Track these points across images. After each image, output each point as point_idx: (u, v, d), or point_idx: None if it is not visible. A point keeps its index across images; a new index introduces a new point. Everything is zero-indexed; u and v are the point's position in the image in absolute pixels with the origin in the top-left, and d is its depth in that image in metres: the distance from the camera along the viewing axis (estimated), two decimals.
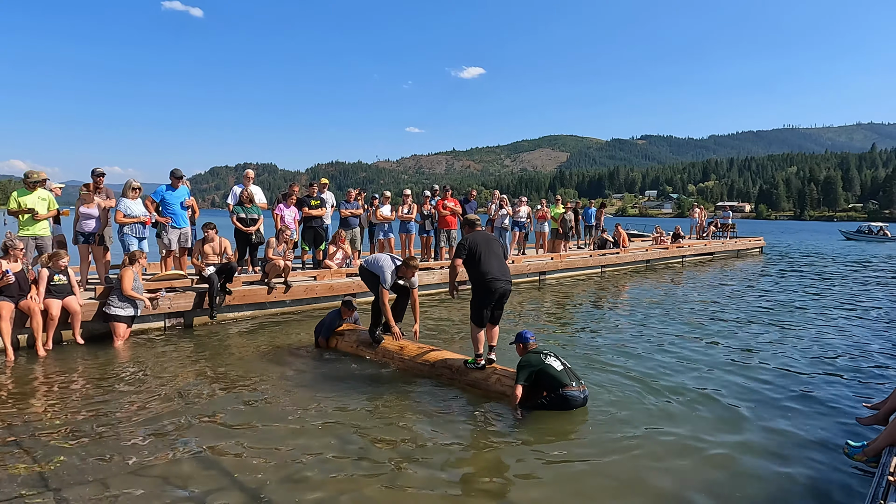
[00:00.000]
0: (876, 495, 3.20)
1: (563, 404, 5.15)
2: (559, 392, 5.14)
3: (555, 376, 5.19)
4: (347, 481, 3.88)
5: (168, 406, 5.30)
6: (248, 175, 10.65)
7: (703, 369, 6.70)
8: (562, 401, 5.15)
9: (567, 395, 5.13)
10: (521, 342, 5.59)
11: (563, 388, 5.14)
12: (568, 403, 5.15)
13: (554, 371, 5.22)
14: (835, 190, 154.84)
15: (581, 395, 5.20)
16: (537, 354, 5.38)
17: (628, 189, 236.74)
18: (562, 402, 5.15)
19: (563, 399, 5.14)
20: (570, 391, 5.15)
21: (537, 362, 5.28)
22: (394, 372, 6.39)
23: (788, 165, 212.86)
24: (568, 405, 5.16)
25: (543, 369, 5.24)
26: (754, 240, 27.55)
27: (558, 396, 5.15)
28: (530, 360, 5.30)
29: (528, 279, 14.39)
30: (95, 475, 3.90)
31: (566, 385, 5.16)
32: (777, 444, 4.64)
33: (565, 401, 5.14)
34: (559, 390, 5.15)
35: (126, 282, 7.58)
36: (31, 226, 7.75)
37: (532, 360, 5.31)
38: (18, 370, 6.31)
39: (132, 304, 7.60)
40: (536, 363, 5.28)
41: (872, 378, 6.51)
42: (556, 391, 5.15)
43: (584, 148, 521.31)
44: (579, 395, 5.19)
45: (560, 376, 5.19)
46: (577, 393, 5.18)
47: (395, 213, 12.72)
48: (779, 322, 9.70)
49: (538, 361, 5.29)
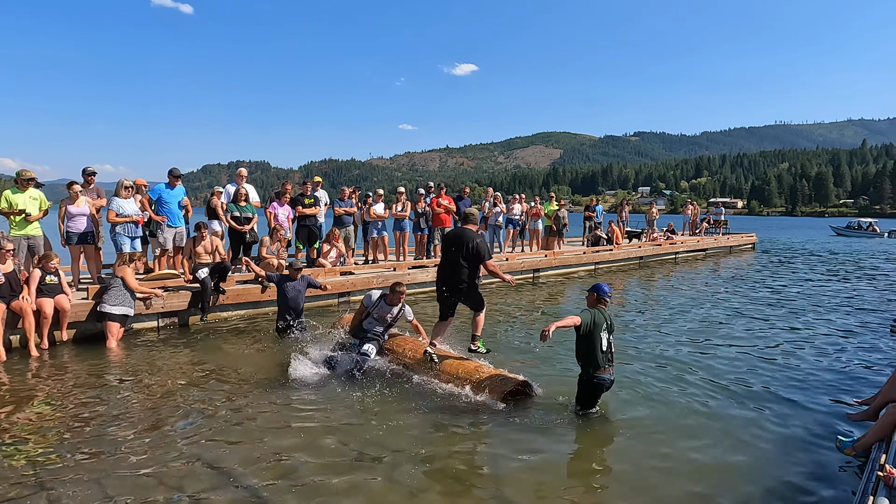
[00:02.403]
0: (866, 490, 3.25)
1: (590, 388, 5.00)
2: (590, 374, 4.97)
3: (595, 352, 4.95)
4: (345, 481, 3.88)
5: (162, 406, 5.28)
6: (241, 173, 10.61)
7: (692, 365, 6.75)
8: (590, 385, 4.99)
9: (596, 378, 4.96)
10: (597, 293, 5.18)
11: (596, 371, 4.95)
12: (596, 388, 5.00)
13: (599, 346, 4.96)
14: (826, 186, 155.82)
15: (610, 379, 5.04)
16: (602, 316, 5.04)
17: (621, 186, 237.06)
18: (590, 386, 5.00)
19: (592, 383, 4.98)
20: (602, 375, 4.97)
21: (599, 324, 4.97)
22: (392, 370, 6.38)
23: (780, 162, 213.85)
24: (595, 390, 5.01)
25: (596, 335, 4.95)
26: (746, 236, 27.71)
27: (589, 379, 4.98)
28: (595, 318, 4.99)
29: (522, 276, 14.42)
30: (90, 475, 3.89)
31: (600, 368, 4.95)
32: (768, 438, 4.69)
33: (594, 386, 4.99)
34: (590, 371, 4.97)
35: (131, 280, 7.64)
36: (23, 226, 7.70)
37: (597, 318, 4.99)
38: (11, 371, 6.28)
39: (127, 303, 7.58)
40: (598, 324, 4.97)
41: (862, 373, 6.58)
42: (588, 371, 4.98)
43: (578, 145, 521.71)
44: (609, 378, 5.03)
45: (599, 358, 4.95)
46: (608, 377, 5.01)
47: (388, 211, 12.70)
48: (768, 317, 9.78)
49: (600, 323, 4.98)
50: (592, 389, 5.02)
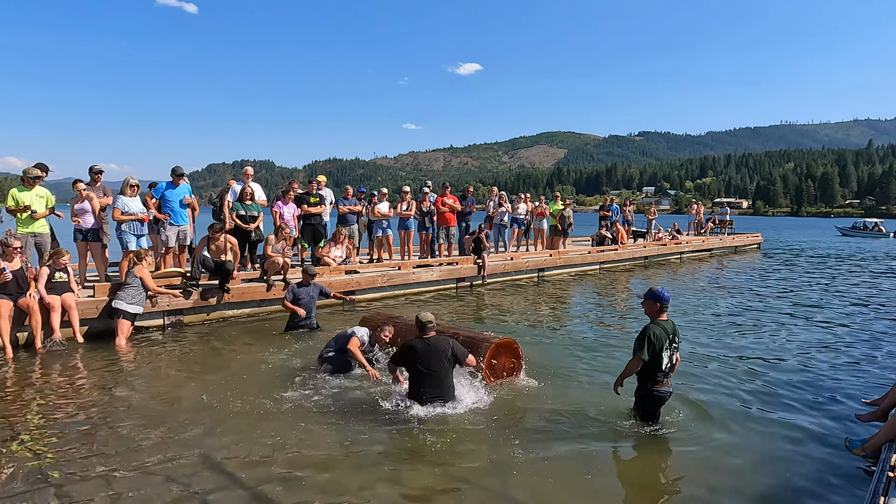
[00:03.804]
0: (877, 491, 3.22)
1: (649, 402, 4.60)
2: (647, 388, 4.57)
3: (654, 371, 4.51)
4: (353, 480, 3.87)
5: (169, 403, 5.29)
6: (247, 172, 10.61)
7: (702, 365, 6.71)
8: (649, 399, 4.59)
9: (656, 392, 4.55)
10: (657, 301, 4.56)
11: (656, 386, 4.54)
12: (656, 402, 4.60)
13: (660, 365, 4.49)
14: (832, 186, 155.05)
15: (668, 392, 4.65)
16: (664, 331, 4.51)
17: (626, 185, 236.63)
18: (649, 401, 4.60)
19: (651, 398, 4.58)
20: (661, 389, 4.55)
21: (662, 344, 4.46)
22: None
23: (786, 162, 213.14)
24: (655, 403, 4.61)
25: (658, 356, 4.46)
26: (752, 236, 27.60)
27: (647, 394, 4.59)
28: (657, 334, 4.47)
29: (527, 276, 14.40)
30: (98, 472, 3.89)
31: (660, 382, 4.54)
32: (778, 439, 4.66)
33: (653, 400, 4.59)
34: (648, 386, 4.57)
35: (149, 280, 7.75)
36: (30, 223, 7.74)
37: (660, 338, 4.47)
38: (18, 367, 6.30)
39: (141, 302, 7.63)
40: (661, 345, 4.45)
41: (871, 374, 6.53)
42: (645, 386, 4.58)
43: (582, 144, 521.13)
44: (667, 391, 4.62)
45: (659, 375, 4.52)
46: (666, 390, 4.60)
47: (393, 211, 12.69)
48: (777, 318, 9.73)
49: (662, 342, 4.46)
50: (652, 404, 4.68)
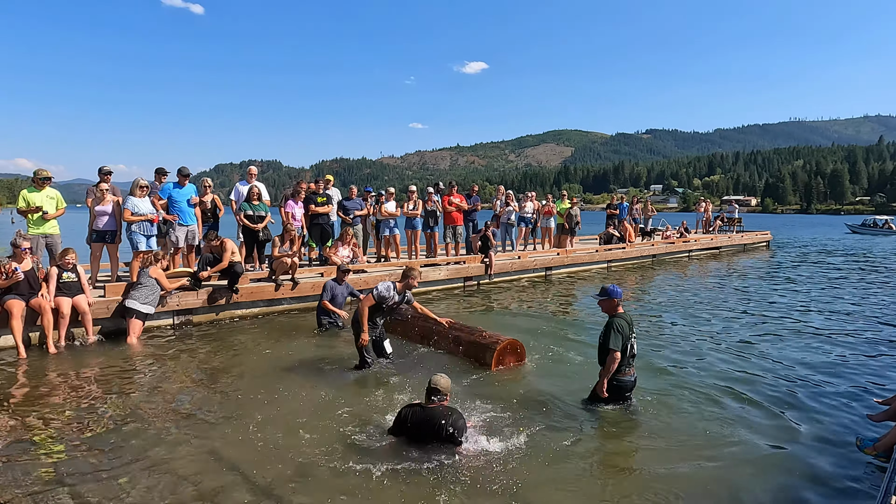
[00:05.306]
0: (888, 490, 3.19)
1: (614, 391, 4.81)
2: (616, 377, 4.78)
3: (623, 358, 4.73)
4: (360, 481, 3.88)
5: (179, 402, 5.33)
6: (251, 171, 10.63)
7: (711, 364, 6.68)
8: (614, 388, 4.80)
9: (617, 381, 4.78)
10: (613, 297, 4.86)
11: (618, 375, 4.77)
12: (619, 391, 4.82)
13: (627, 351, 4.73)
14: (841, 183, 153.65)
15: (632, 379, 4.89)
16: (625, 322, 4.78)
17: (633, 184, 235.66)
18: (613, 390, 4.81)
19: (612, 386, 4.79)
20: (625, 378, 4.81)
21: (627, 334, 4.74)
22: (409, 364, 6.39)
23: (795, 159, 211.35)
24: (619, 392, 4.83)
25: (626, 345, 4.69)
26: (760, 234, 27.40)
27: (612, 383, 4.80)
28: (622, 325, 4.74)
29: (535, 274, 14.38)
30: (108, 471, 3.93)
31: (623, 371, 4.77)
32: (789, 438, 4.64)
33: (617, 389, 4.81)
34: (615, 375, 4.77)
35: (165, 281, 7.86)
36: (41, 224, 7.81)
37: (624, 329, 4.74)
38: (30, 367, 6.36)
39: (154, 302, 7.70)
40: (627, 335, 4.73)
41: (882, 373, 6.48)
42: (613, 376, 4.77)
43: (589, 143, 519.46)
44: (631, 379, 4.87)
45: (624, 362, 4.77)
46: (630, 378, 4.85)
47: (399, 210, 12.70)
48: (787, 317, 9.66)
49: (627, 333, 4.74)
50: (617, 392, 4.90)
